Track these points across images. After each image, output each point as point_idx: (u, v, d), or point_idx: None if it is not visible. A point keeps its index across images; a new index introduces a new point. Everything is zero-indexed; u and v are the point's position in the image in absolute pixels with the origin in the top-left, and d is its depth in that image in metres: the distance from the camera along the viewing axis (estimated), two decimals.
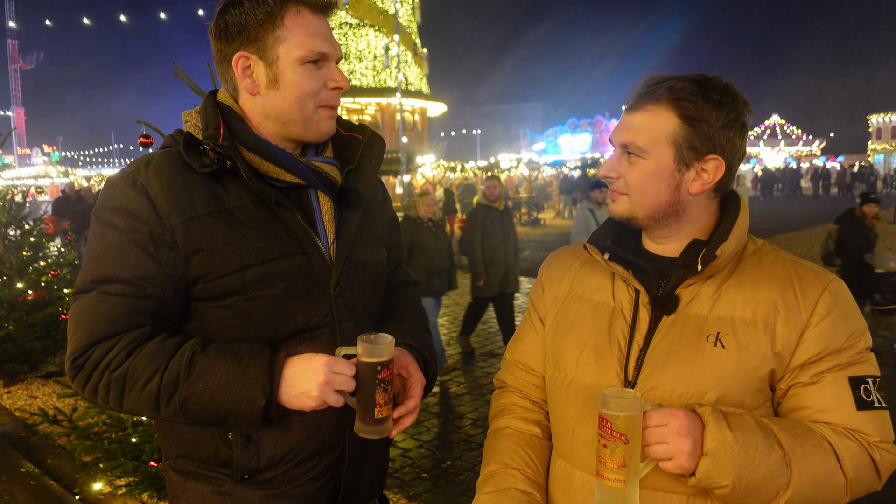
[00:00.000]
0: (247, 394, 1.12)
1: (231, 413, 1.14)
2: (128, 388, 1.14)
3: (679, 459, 1.00)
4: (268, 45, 1.23)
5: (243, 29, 1.22)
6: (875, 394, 1.10)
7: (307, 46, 1.23)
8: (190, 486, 1.30)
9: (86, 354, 1.16)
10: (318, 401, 1.13)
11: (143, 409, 1.15)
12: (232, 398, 1.13)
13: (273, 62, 1.23)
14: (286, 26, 1.22)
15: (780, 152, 52.30)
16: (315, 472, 1.31)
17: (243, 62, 1.24)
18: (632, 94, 1.19)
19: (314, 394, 1.12)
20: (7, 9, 56.21)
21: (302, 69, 1.24)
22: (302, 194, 1.31)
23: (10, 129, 6.02)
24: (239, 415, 1.14)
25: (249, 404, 1.13)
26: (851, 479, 1.06)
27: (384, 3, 25.18)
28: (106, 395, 1.15)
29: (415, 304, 1.56)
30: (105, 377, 1.15)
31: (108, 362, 1.14)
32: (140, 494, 3.06)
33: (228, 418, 1.15)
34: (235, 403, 1.13)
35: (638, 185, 1.17)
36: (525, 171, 28.93)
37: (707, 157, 1.14)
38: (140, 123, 2.60)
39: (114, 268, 1.18)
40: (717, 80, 1.14)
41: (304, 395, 1.13)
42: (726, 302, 1.14)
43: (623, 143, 1.17)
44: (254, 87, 1.26)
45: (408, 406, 1.28)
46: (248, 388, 1.13)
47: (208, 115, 1.25)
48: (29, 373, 5.91)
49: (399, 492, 3.66)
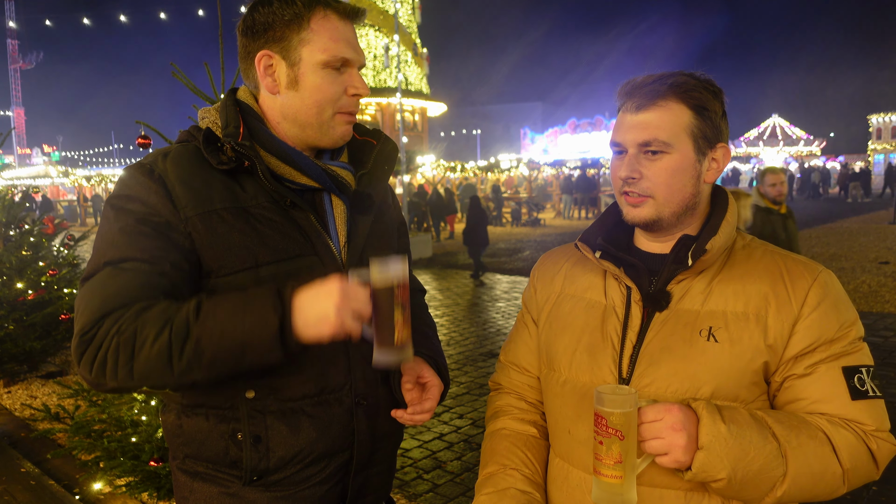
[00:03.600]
0: (258, 317, 1.07)
1: (247, 345, 1.07)
2: (138, 348, 1.07)
3: (675, 454, 1.01)
4: (292, 46, 1.23)
5: (269, 28, 1.23)
6: (869, 383, 1.11)
7: (331, 51, 1.23)
8: (198, 487, 1.30)
9: (95, 327, 1.10)
10: (336, 324, 1.07)
11: (155, 369, 1.08)
12: (244, 325, 1.07)
13: (295, 63, 1.24)
14: (312, 29, 1.23)
15: (780, 152, 52.26)
16: (324, 475, 1.31)
17: (266, 60, 1.25)
18: (627, 95, 1.17)
19: (332, 316, 1.06)
20: (7, 9, 56.25)
21: (323, 73, 1.24)
22: (315, 197, 1.31)
23: (10, 129, 6.02)
24: (255, 345, 1.07)
25: (262, 327, 1.06)
26: (848, 468, 1.07)
27: (384, 3, 25.18)
28: (115, 363, 1.08)
29: (423, 311, 1.56)
30: (113, 342, 1.08)
31: (118, 328, 1.09)
32: (140, 494, 3.06)
33: (245, 353, 1.08)
34: (248, 330, 1.07)
35: (665, 182, 1.14)
36: (525, 171, 28.90)
37: (717, 145, 1.17)
38: (139, 124, 2.61)
39: (129, 249, 1.15)
40: (703, 74, 1.18)
41: (320, 319, 1.07)
42: (718, 296, 1.14)
43: (644, 140, 1.14)
44: (274, 86, 1.26)
45: (424, 406, 1.31)
46: (259, 311, 1.07)
47: (228, 113, 1.26)
48: (29, 373, 5.92)
49: (399, 492, 3.67)
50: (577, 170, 25.54)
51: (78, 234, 6.93)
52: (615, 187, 1.21)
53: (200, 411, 1.27)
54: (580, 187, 23.82)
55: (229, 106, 1.27)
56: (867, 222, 18.28)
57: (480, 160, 33.70)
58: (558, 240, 16.43)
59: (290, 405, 1.25)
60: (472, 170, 26.22)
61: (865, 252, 12.25)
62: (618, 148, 1.19)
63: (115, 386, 1.10)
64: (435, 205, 18.06)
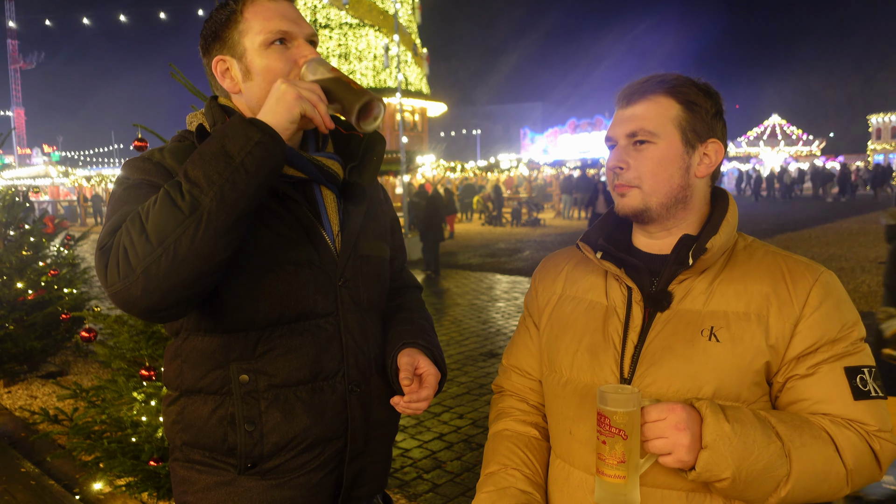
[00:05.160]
0: (225, 127, 1.10)
1: (223, 142, 1.08)
2: (144, 216, 1.06)
3: (678, 453, 1.00)
4: (235, 42, 1.28)
5: (216, 36, 1.30)
6: (871, 383, 1.10)
7: (266, 29, 1.27)
8: (195, 479, 1.31)
9: (111, 236, 1.10)
10: (295, 96, 1.13)
11: (166, 218, 1.04)
12: (214, 137, 1.10)
13: (242, 55, 1.29)
14: (246, 18, 1.28)
15: (780, 152, 52.32)
16: (318, 462, 1.32)
17: (221, 66, 1.31)
18: (620, 95, 1.22)
19: (288, 93, 1.13)
20: (7, 9, 56.26)
21: (268, 52, 1.27)
22: (305, 188, 1.34)
23: (10, 129, 6.02)
24: (229, 136, 1.08)
25: (229, 125, 1.10)
26: (852, 468, 1.06)
27: (384, 3, 25.17)
28: (131, 241, 1.05)
29: (420, 306, 1.58)
30: (125, 230, 1.07)
31: (126, 222, 1.09)
32: (140, 494, 3.06)
33: (226, 149, 1.07)
34: (219, 135, 1.09)
35: (651, 170, 1.17)
36: (525, 171, 28.94)
37: (708, 140, 1.19)
38: (136, 127, 2.61)
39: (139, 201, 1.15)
40: (701, 79, 1.21)
41: (278, 100, 1.13)
42: (719, 296, 1.15)
43: (631, 132, 1.18)
44: (234, 85, 1.31)
45: (420, 395, 1.31)
46: (224, 126, 1.11)
47: (214, 113, 1.31)
48: (29, 373, 5.92)
49: (399, 492, 3.66)
50: (577, 170, 25.58)
51: (78, 234, 6.93)
52: (608, 181, 1.24)
53: (198, 397, 1.30)
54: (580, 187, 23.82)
55: (214, 108, 1.32)
56: (867, 222, 18.28)
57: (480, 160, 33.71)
58: (558, 240, 16.43)
59: (283, 391, 1.27)
60: (472, 170, 26.23)
61: (865, 252, 12.25)
62: (610, 142, 1.23)
63: (143, 269, 1.04)
64: None
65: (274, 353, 1.26)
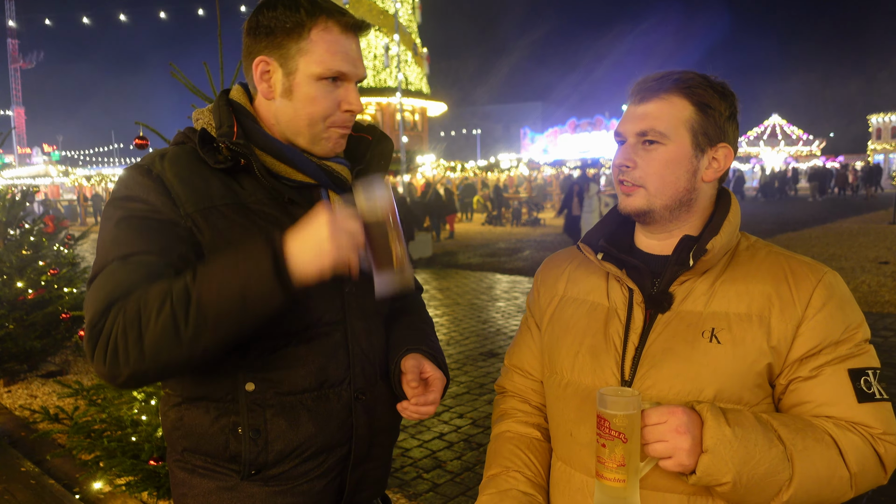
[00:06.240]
0: (251, 261, 1.05)
1: (246, 290, 1.04)
2: (144, 323, 1.05)
3: (678, 457, 1.00)
4: (290, 55, 1.23)
5: (271, 33, 1.23)
6: (876, 385, 1.09)
7: (327, 63, 1.22)
8: (195, 483, 1.30)
9: (103, 318, 1.09)
10: (333, 253, 1.04)
11: (164, 342, 1.05)
12: (240, 272, 1.05)
13: (292, 72, 1.23)
14: (311, 39, 1.22)
15: (780, 152, 52.28)
16: (321, 469, 1.31)
17: (263, 66, 1.25)
18: (634, 90, 1.19)
19: (326, 245, 1.04)
20: (7, 9, 56.23)
21: (318, 85, 1.23)
22: (313, 193, 1.32)
23: (10, 129, 6.01)
24: (254, 289, 1.05)
25: (257, 269, 1.04)
26: (855, 472, 1.05)
27: (384, 3, 25.16)
28: (125, 344, 1.06)
29: (421, 309, 1.57)
30: (120, 323, 1.07)
31: (124, 312, 1.08)
32: (140, 493, 3.06)
33: (246, 301, 1.05)
34: (244, 275, 1.05)
35: (657, 172, 1.15)
36: (525, 171, 28.92)
37: (718, 144, 1.17)
38: (138, 124, 2.60)
39: (135, 244, 1.14)
40: (716, 77, 1.19)
41: (315, 250, 1.05)
42: (720, 298, 1.14)
43: (641, 130, 1.16)
44: (269, 92, 1.27)
45: (427, 398, 1.31)
46: (251, 254, 1.06)
47: (222, 113, 1.26)
48: (29, 372, 5.91)
49: (399, 492, 3.66)
50: (578, 169, 25.55)
51: (78, 233, 6.93)
52: (613, 177, 1.22)
53: (201, 404, 1.27)
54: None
55: (222, 107, 1.28)
56: (867, 222, 18.27)
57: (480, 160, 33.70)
58: (558, 239, 16.42)
59: (289, 399, 1.26)
60: (472, 170, 26.22)
61: (865, 252, 12.24)
62: (619, 138, 1.21)
63: (130, 372, 1.07)
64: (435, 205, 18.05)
65: (281, 362, 1.24)
